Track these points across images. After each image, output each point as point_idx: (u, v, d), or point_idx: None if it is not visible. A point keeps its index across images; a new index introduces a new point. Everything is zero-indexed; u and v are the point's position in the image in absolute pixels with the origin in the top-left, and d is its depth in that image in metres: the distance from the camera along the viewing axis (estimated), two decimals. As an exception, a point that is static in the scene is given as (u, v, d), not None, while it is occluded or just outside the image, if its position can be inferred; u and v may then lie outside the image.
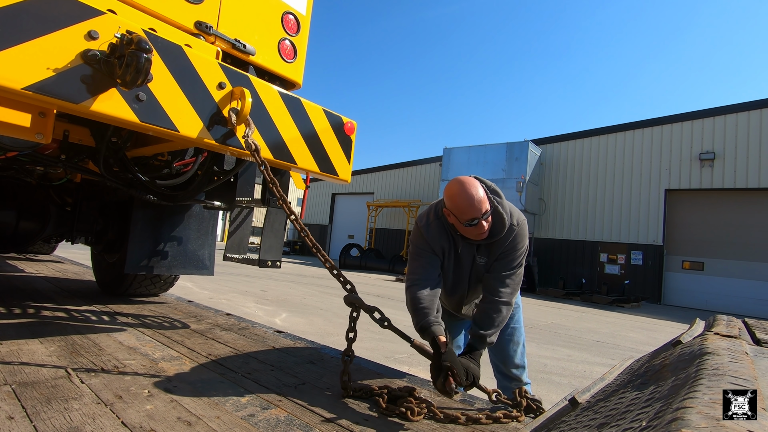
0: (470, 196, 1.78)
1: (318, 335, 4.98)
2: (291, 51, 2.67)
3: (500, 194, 1.92)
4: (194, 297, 6.70)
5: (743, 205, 13.84)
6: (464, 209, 1.79)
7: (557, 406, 1.29)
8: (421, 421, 1.63)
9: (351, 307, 1.89)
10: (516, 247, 1.94)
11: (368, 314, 1.86)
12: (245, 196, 2.89)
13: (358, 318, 1.89)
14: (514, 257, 1.95)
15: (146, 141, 2.42)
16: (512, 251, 1.94)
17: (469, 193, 1.78)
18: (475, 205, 1.77)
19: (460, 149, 16.98)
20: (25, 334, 2.38)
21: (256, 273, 11.62)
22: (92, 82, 1.55)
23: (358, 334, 1.90)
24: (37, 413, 1.45)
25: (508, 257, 1.94)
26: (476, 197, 1.78)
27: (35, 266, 5.36)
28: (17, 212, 3.45)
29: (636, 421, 0.79)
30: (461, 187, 1.81)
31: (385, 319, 1.87)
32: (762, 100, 13.59)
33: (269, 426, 1.50)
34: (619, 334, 7.48)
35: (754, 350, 1.29)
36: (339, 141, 2.48)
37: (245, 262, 2.67)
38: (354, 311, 1.89)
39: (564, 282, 15.24)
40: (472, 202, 1.77)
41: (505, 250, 1.93)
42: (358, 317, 1.90)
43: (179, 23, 2.17)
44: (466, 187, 1.80)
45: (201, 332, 2.79)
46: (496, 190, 1.92)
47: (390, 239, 22.67)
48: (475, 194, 1.78)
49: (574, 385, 3.98)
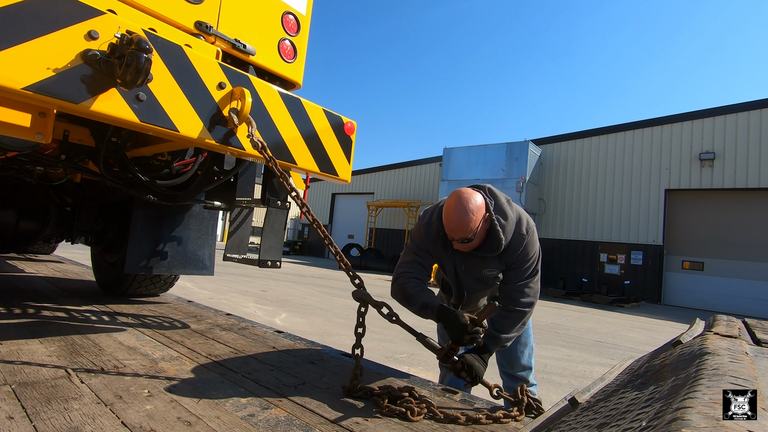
0: (455, 218, 1.77)
1: (318, 335, 4.98)
2: (291, 51, 2.67)
3: (506, 213, 1.86)
4: (194, 297, 6.70)
5: (743, 205, 13.84)
6: (446, 226, 1.82)
7: (557, 406, 1.29)
8: (421, 421, 1.63)
9: (360, 303, 1.89)
10: (527, 256, 1.92)
11: (376, 309, 1.86)
12: (245, 196, 2.89)
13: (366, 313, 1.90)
14: (527, 266, 1.93)
15: (146, 141, 2.42)
16: (523, 260, 1.92)
17: (456, 215, 1.77)
18: (454, 228, 1.78)
19: (460, 149, 16.98)
20: (25, 334, 2.38)
21: (256, 273, 11.62)
22: (92, 82, 1.55)
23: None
24: (37, 413, 1.45)
25: (522, 267, 1.92)
26: (460, 222, 1.76)
27: (35, 266, 5.35)
28: (17, 212, 3.45)
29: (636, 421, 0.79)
30: (454, 206, 1.79)
31: (393, 314, 1.86)
32: (762, 100, 13.59)
33: (269, 426, 1.50)
34: (619, 334, 7.48)
35: (754, 350, 1.29)
36: (339, 141, 2.48)
37: (245, 262, 2.66)
38: (362, 306, 1.89)
39: (564, 282, 15.24)
40: (454, 226, 1.78)
41: (516, 260, 1.91)
42: (366, 312, 1.89)
43: (179, 23, 2.17)
44: (459, 207, 1.77)
45: (201, 332, 2.79)
46: (503, 209, 1.86)
47: (390, 239, 22.67)
48: (461, 219, 1.76)
49: (574, 385, 3.98)
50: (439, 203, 2.03)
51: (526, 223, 1.92)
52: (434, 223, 1.96)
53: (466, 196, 1.80)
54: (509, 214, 1.87)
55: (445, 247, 1.95)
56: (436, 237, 1.95)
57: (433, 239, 1.96)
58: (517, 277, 1.93)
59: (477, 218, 1.77)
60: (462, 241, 1.80)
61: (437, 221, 1.95)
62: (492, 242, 1.84)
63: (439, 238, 1.95)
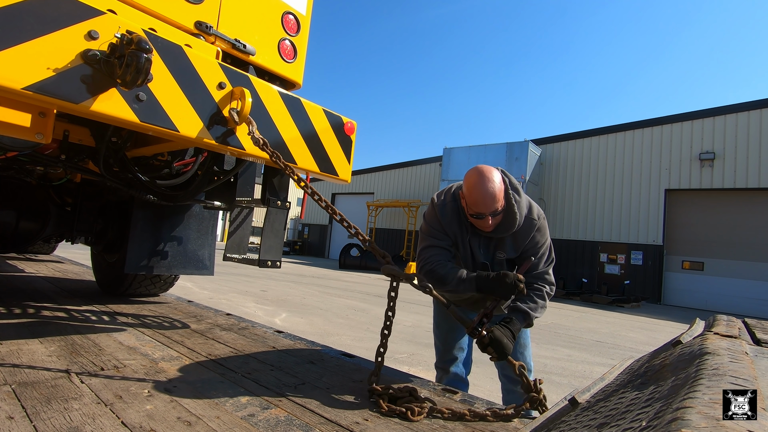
0: (484, 191, 1.76)
1: (318, 335, 4.98)
2: (291, 51, 2.67)
3: (519, 191, 1.90)
4: (194, 297, 6.70)
5: (743, 205, 13.84)
6: (475, 201, 1.79)
7: (557, 406, 1.28)
8: (421, 421, 1.63)
9: (390, 278, 1.83)
10: (539, 243, 1.94)
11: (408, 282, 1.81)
12: (245, 196, 2.89)
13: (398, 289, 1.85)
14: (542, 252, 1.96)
15: (146, 141, 2.42)
16: (536, 246, 1.94)
17: (485, 187, 1.76)
18: (486, 201, 1.77)
19: (460, 149, 16.99)
20: (25, 334, 2.38)
21: (256, 273, 11.62)
22: (92, 82, 1.55)
23: (358, 333, 1.89)
24: (37, 413, 1.45)
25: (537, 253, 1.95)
26: (489, 193, 1.76)
27: (35, 266, 5.35)
28: (17, 212, 3.45)
29: (636, 421, 0.79)
30: (479, 179, 1.79)
31: (426, 285, 1.81)
32: (762, 100, 13.60)
33: (269, 426, 1.50)
34: (619, 334, 7.48)
35: (754, 350, 1.29)
36: (339, 141, 2.48)
37: (245, 262, 2.66)
38: (394, 281, 1.83)
39: (564, 282, 15.24)
40: (485, 198, 1.76)
41: (529, 245, 1.93)
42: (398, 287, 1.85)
43: (179, 23, 2.17)
44: (484, 180, 1.78)
45: (201, 332, 2.79)
46: (517, 187, 1.90)
47: (390, 239, 22.68)
48: (490, 190, 1.76)
49: (574, 385, 3.98)
50: (450, 188, 2.03)
51: (537, 210, 1.96)
52: (449, 204, 1.95)
53: (487, 171, 1.81)
54: (522, 193, 1.91)
55: (461, 228, 1.94)
56: (452, 217, 1.93)
57: (449, 220, 1.93)
58: (537, 265, 1.96)
59: (501, 188, 1.80)
60: (493, 214, 1.79)
61: (452, 202, 1.94)
62: (508, 219, 1.86)
63: (455, 219, 1.93)
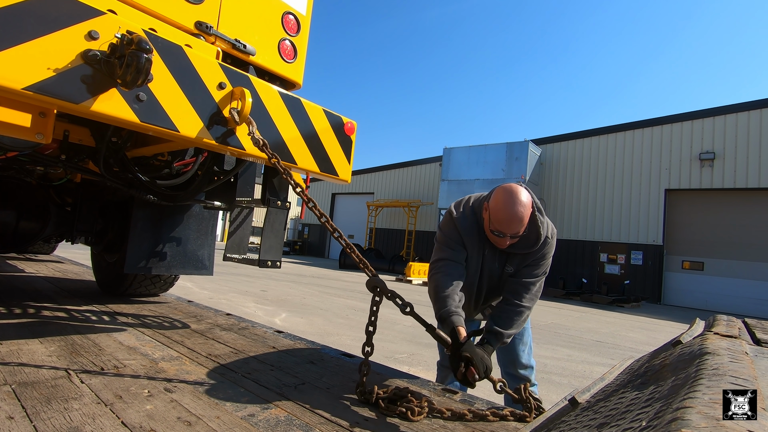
0: (513, 213, 1.77)
1: (318, 335, 4.98)
2: (291, 51, 2.67)
3: (542, 211, 1.93)
4: (194, 297, 6.70)
5: (743, 205, 13.85)
6: (500, 220, 1.79)
7: (557, 406, 1.29)
8: (421, 421, 1.63)
9: (373, 292, 1.84)
10: (545, 258, 1.97)
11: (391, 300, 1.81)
12: (245, 196, 2.89)
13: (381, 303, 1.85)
14: (541, 266, 1.97)
15: (146, 141, 2.42)
16: (541, 261, 1.96)
17: (514, 209, 1.77)
18: (512, 224, 1.78)
19: (460, 149, 16.98)
20: (25, 334, 2.38)
21: (256, 273, 11.62)
22: (92, 82, 1.55)
23: (358, 334, 1.89)
24: (37, 413, 1.45)
25: (537, 266, 1.96)
26: (518, 217, 1.77)
27: (35, 266, 5.35)
28: (17, 212, 3.45)
29: (636, 421, 0.79)
30: (510, 200, 1.78)
31: (407, 305, 1.82)
32: (762, 100, 13.60)
33: (269, 426, 1.50)
34: (619, 334, 7.48)
35: (754, 350, 1.29)
36: (339, 141, 2.48)
37: (245, 262, 2.66)
38: (376, 296, 1.84)
39: (564, 282, 15.24)
40: (511, 221, 1.77)
41: (535, 260, 1.95)
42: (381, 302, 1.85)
43: (179, 23, 2.17)
44: (515, 202, 1.78)
45: (201, 332, 2.79)
46: (540, 208, 1.91)
47: (390, 239, 22.68)
48: (519, 214, 1.77)
49: (574, 385, 3.98)
50: (468, 199, 2.03)
51: (551, 229, 1.97)
52: (469, 217, 1.95)
53: (517, 191, 1.81)
54: (544, 212, 1.93)
55: (480, 242, 1.94)
56: (470, 230, 1.93)
57: (468, 232, 1.93)
58: (528, 274, 1.95)
59: (528, 212, 1.80)
60: (514, 236, 1.81)
61: (471, 216, 1.94)
62: (530, 238, 1.87)
63: (473, 232, 1.93)
